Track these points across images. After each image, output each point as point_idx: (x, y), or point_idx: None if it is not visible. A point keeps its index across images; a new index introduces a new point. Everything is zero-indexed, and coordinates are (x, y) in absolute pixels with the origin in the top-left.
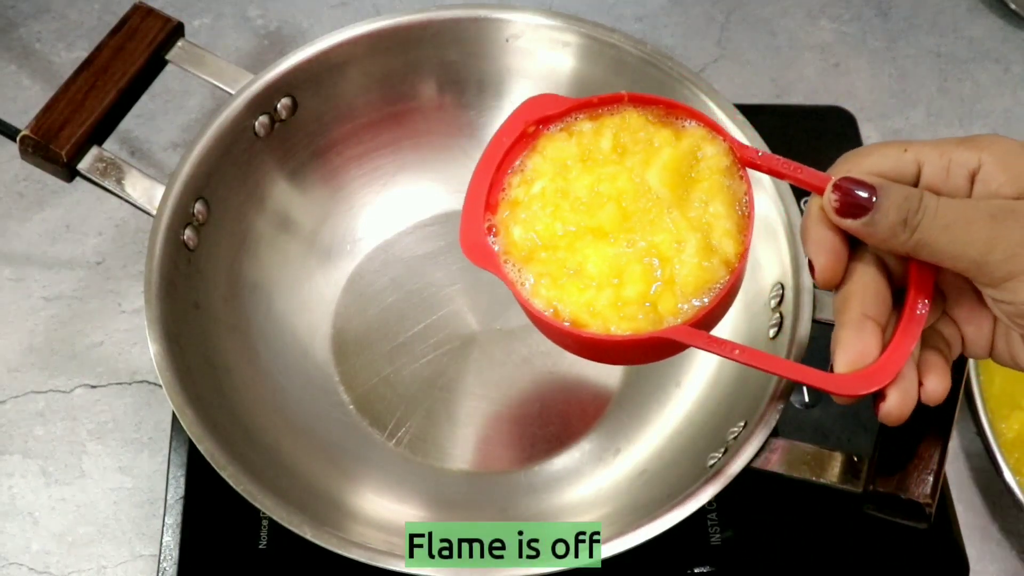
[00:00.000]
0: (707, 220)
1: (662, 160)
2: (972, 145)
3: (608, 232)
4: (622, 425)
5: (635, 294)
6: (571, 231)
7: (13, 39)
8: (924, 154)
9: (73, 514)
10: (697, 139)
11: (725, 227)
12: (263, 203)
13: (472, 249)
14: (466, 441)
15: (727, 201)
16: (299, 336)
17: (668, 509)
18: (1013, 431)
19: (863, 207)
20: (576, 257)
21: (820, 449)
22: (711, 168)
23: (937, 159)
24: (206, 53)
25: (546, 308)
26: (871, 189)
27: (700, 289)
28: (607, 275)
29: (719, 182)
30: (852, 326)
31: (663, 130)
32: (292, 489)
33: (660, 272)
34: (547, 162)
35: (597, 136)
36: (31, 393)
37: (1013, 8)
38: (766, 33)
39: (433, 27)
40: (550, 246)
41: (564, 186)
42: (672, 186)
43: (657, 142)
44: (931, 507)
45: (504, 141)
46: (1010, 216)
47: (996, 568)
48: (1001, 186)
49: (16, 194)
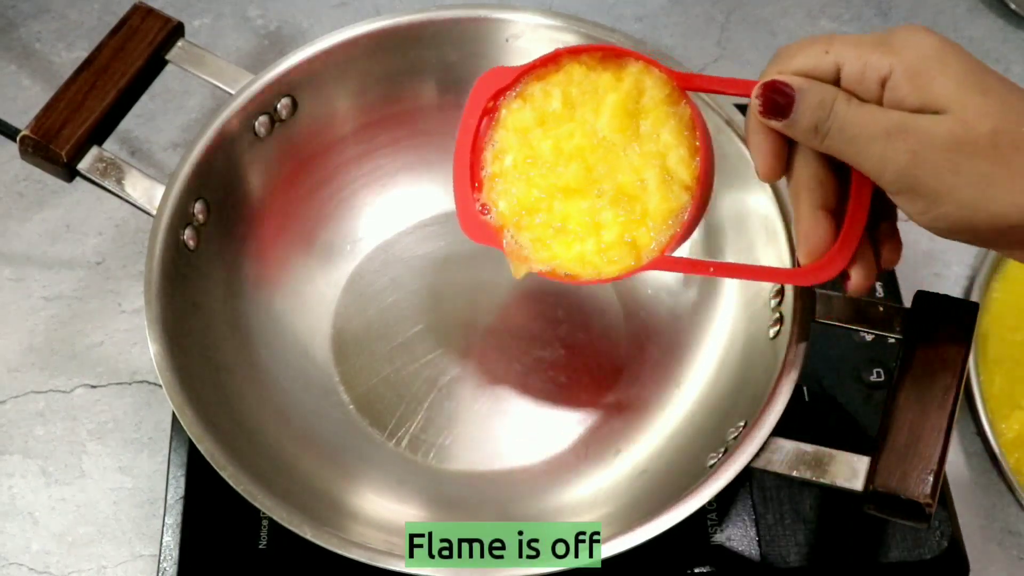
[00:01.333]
0: (660, 151)
1: (609, 105)
2: (887, 48)
3: (577, 188)
4: (622, 425)
5: (614, 237)
6: (545, 195)
7: (13, 39)
8: (843, 55)
9: (73, 514)
10: (636, 75)
11: (679, 154)
12: (263, 203)
13: (472, 230)
14: (466, 441)
15: (675, 128)
16: (299, 336)
17: (668, 509)
18: (1013, 431)
19: (783, 110)
20: (557, 217)
21: (820, 449)
22: (654, 100)
23: (854, 61)
24: (206, 53)
25: (545, 267)
26: (789, 95)
27: (669, 217)
28: (587, 227)
29: (664, 112)
30: (805, 219)
31: (604, 74)
32: (292, 489)
33: (631, 211)
34: (511, 133)
35: (547, 97)
36: (31, 393)
37: (1013, 8)
38: (766, 33)
39: (433, 27)
40: (532, 211)
41: (530, 153)
42: (623, 128)
43: (601, 88)
44: (931, 507)
45: (470, 122)
46: (900, 135)
47: (996, 568)
48: (905, 96)
49: (16, 194)
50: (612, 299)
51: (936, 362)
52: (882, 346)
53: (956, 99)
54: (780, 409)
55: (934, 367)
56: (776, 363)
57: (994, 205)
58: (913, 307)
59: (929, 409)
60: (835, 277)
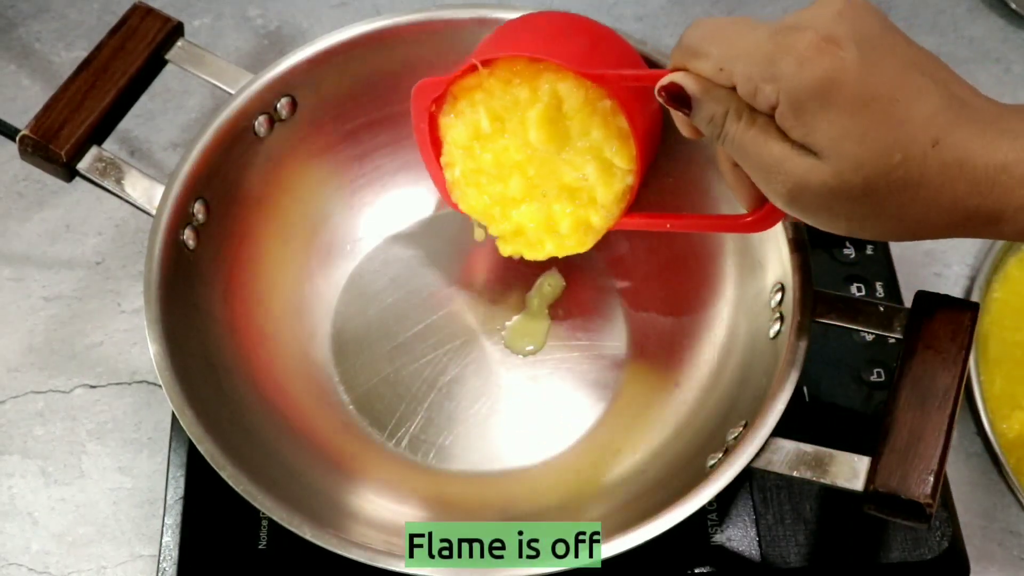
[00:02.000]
0: (594, 147)
1: (533, 121)
2: (776, 74)
3: (523, 198)
4: (622, 425)
5: (570, 227)
6: (497, 202)
7: (13, 39)
8: (736, 73)
9: (73, 514)
10: (551, 85)
11: (613, 147)
12: (262, 203)
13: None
14: (466, 441)
15: (602, 123)
16: (299, 336)
17: (668, 509)
18: (1014, 431)
19: (686, 103)
20: (514, 220)
21: (820, 449)
22: (574, 106)
23: (746, 83)
24: (206, 53)
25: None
26: (686, 104)
27: (619, 198)
28: (543, 225)
29: (587, 113)
30: (727, 174)
31: (521, 88)
32: (292, 489)
33: (580, 202)
34: (454, 148)
35: (475, 115)
36: (30, 393)
37: (1013, 8)
38: None
39: (433, 27)
40: (491, 217)
41: (475, 165)
42: (552, 138)
43: (521, 103)
44: (932, 507)
45: (423, 130)
46: (780, 174)
47: (997, 568)
48: (790, 128)
49: (16, 194)
50: (613, 298)
51: (936, 362)
52: (882, 346)
53: (833, 148)
54: (780, 409)
55: (934, 367)
56: (776, 363)
57: (872, 233)
58: (913, 307)
59: (929, 409)
60: (777, 223)
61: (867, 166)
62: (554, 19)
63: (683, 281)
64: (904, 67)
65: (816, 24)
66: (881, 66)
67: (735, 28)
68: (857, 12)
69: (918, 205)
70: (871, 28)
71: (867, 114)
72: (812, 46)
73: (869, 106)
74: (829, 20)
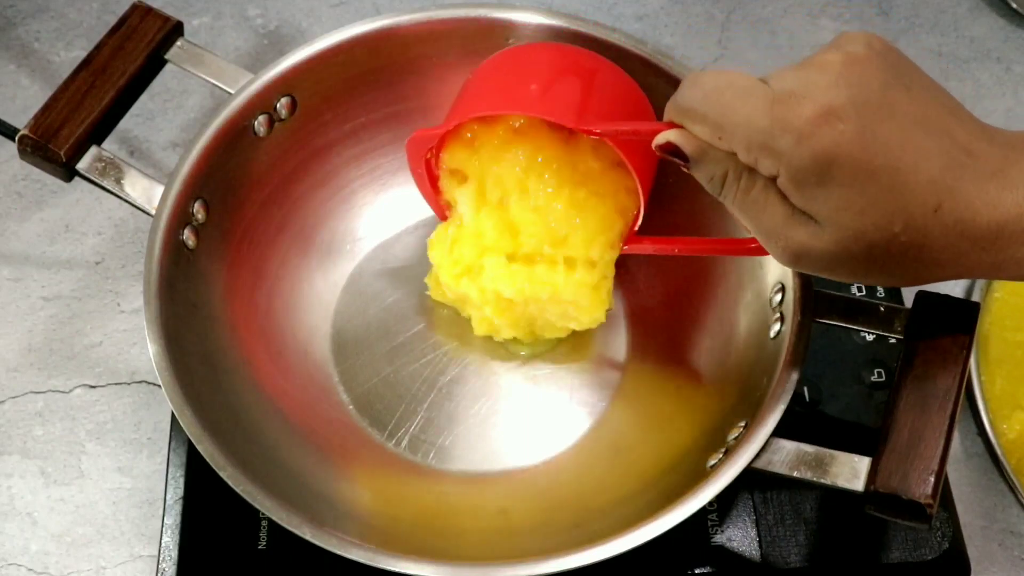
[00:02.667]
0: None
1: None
2: (772, 153)
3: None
4: (622, 425)
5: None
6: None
7: (12, 38)
8: (735, 145)
9: (72, 514)
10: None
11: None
12: (263, 203)
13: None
14: (466, 441)
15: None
16: (299, 336)
17: (668, 509)
18: (1014, 431)
19: (684, 159)
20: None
21: (821, 449)
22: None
23: (745, 154)
24: (205, 52)
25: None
26: (685, 159)
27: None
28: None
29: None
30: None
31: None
32: (292, 489)
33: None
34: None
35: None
36: (30, 393)
37: (1015, 7)
38: (767, 32)
39: (433, 27)
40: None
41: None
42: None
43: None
44: (932, 507)
45: (421, 174)
46: (781, 239)
47: (997, 569)
48: (790, 196)
49: (15, 194)
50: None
51: (937, 362)
52: (883, 346)
53: (834, 220)
54: (781, 409)
55: (935, 367)
56: (776, 363)
57: (877, 284)
58: (914, 307)
59: (930, 410)
60: None
61: (868, 236)
62: (544, 57)
63: (683, 281)
64: (906, 129)
65: (814, 93)
66: (882, 133)
67: (733, 93)
68: (857, 72)
69: (920, 264)
70: (872, 88)
71: (868, 187)
72: (810, 121)
73: (870, 178)
74: (828, 87)
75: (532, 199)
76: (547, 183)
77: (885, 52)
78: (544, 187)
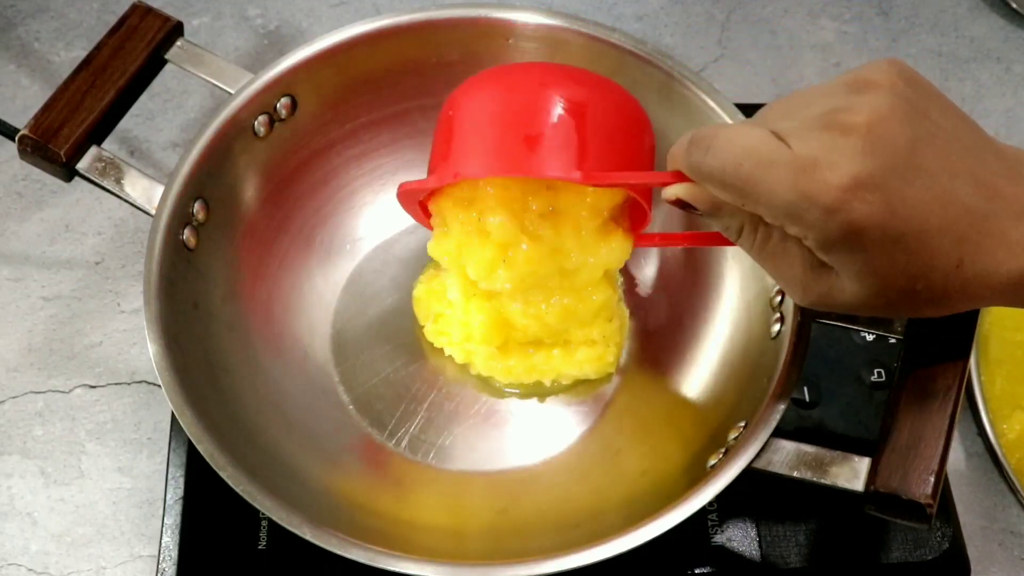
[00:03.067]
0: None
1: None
2: (799, 222)
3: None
4: (622, 425)
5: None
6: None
7: (12, 38)
8: (760, 212)
9: (72, 514)
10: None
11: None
12: (263, 203)
13: None
14: (466, 441)
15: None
16: (299, 336)
17: (668, 509)
18: (1014, 431)
19: (694, 212)
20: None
21: (821, 449)
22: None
23: (770, 219)
24: (205, 52)
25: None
26: (697, 213)
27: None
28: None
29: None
30: None
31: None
32: (292, 489)
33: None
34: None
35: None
36: (30, 393)
37: (1015, 7)
38: (767, 32)
39: (433, 27)
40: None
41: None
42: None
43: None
44: (932, 507)
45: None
46: (807, 289)
47: (997, 569)
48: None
49: (15, 194)
50: None
51: (937, 363)
52: (883, 346)
53: (857, 279)
54: (781, 409)
55: (935, 367)
56: (776, 363)
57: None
58: None
59: (930, 410)
60: None
61: (889, 294)
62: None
63: (684, 282)
64: (932, 187)
65: (840, 163)
66: (910, 198)
67: (753, 164)
68: (883, 133)
69: (940, 310)
70: (898, 148)
71: (895, 253)
72: (838, 196)
73: (896, 245)
74: (854, 155)
75: (523, 307)
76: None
77: (908, 95)
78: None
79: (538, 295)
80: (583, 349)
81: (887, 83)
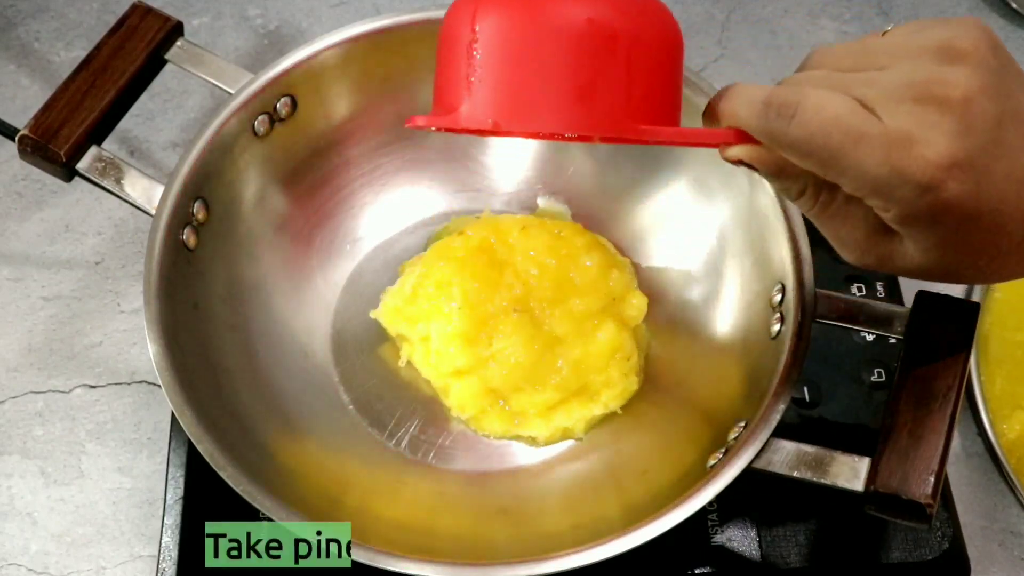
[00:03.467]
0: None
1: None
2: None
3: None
4: (622, 425)
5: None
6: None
7: (12, 38)
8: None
9: (72, 514)
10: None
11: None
12: (263, 203)
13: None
14: (466, 441)
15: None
16: (299, 336)
17: (668, 509)
18: (1014, 431)
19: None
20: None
21: (821, 449)
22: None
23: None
24: (205, 52)
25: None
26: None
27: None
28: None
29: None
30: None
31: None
32: (292, 489)
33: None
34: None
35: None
36: (30, 393)
37: (1015, 7)
38: (767, 32)
39: (433, 26)
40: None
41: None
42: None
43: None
44: (932, 507)
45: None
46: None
47: (997, 569)
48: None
49: (15, 194)
50: None
51: (937, 362)
52: (883, 346)
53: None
54: (781, 409)
55: (935, 368)
56: (776, 363)
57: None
58: (914, 307)
59: (930, 410)
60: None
61: (952, 265)
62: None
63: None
64: (1013, 165)
65: (935, 140)
66: (995, 176)
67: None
68: (976, 111)
69: (990, 280)
70: (988, 126)
71: (971, 231)
72: (934, 175)
73: (974, 223)
74: (950, 134)
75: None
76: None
77: (996, 68)
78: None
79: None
80: (605, 392)
81: (978, 55)
